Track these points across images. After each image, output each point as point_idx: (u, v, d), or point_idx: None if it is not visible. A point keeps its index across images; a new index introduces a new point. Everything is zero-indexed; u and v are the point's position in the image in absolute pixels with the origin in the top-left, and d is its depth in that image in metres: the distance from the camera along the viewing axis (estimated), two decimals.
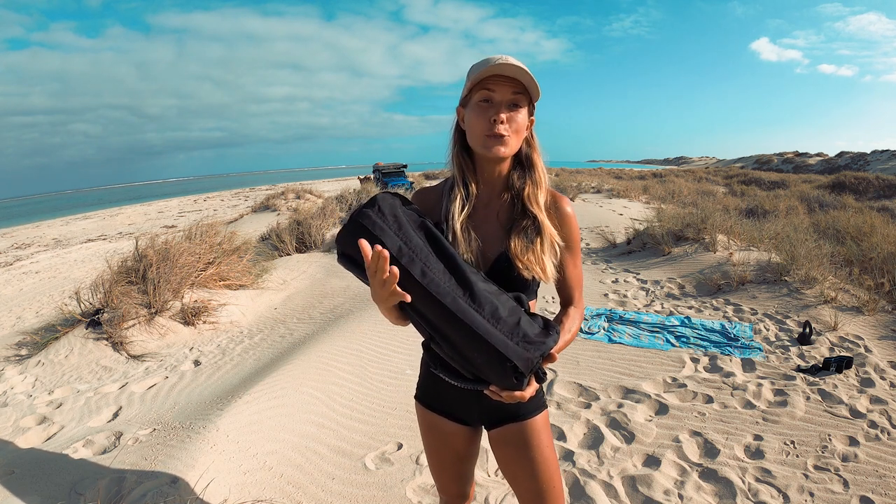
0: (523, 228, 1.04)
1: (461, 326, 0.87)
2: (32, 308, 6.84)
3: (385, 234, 0.88)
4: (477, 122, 0.99)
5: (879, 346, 3.23)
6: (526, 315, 0.93)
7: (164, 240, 4.78)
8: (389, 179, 19.36)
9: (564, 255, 1.08)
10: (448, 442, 1.19)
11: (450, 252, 0.92)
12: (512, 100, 0.98)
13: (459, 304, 0.87)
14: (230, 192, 38.15)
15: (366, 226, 0.89)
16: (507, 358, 0.86)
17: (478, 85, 0.98)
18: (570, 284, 1.11)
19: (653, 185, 18.37)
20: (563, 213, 1.08)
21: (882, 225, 6.80)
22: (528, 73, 0.96)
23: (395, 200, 0.96)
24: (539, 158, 1.08)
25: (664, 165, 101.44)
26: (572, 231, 1.09)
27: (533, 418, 1.10)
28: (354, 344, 3.53)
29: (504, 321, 0.88)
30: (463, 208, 1.06)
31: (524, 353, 0.87)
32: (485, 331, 0.86)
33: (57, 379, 3.29)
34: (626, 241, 6.81)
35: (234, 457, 2.14)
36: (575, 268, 1.11)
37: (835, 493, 1.91)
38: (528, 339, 0.88)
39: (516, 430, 1.09)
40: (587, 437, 2.39)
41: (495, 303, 0.89)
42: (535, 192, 1.05)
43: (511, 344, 0.87)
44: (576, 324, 1.09)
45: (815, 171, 45.42)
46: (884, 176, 18.11)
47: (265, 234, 8.32)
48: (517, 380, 0.88)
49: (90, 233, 17.66)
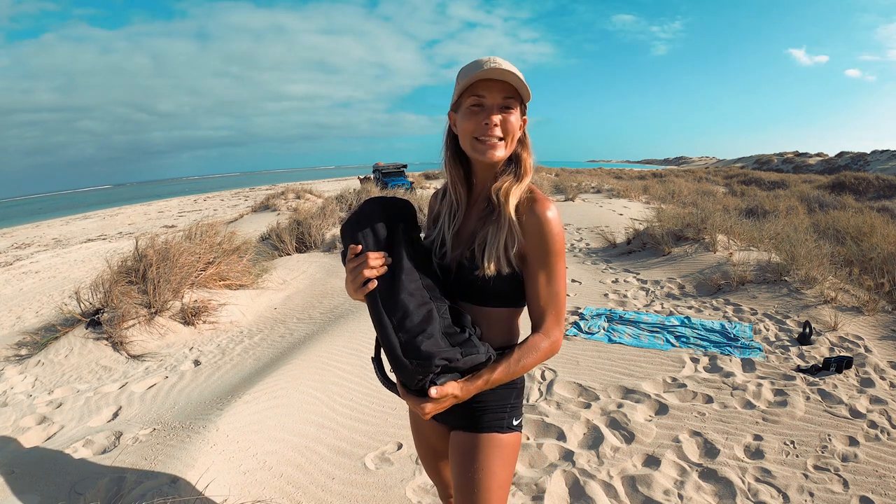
0: (483, 220, 1.01)
1: (376, 327, 0.93)
2: (32, 308, 6.84)
3: (355, 235, 0.99)
4: (469, 127, 0.98)
5: (879, 346, 3.24)
6: (450, 328, 0.93)
7: (164, 240, 4.79)
8: (389, 179, 19.34)
9: (536, 266, 0.98)
10: (425, 437, 1.21)
11: (398, 256, 0.97)
12: (503, 103, 0.97)
13: (378, 306, 0.93)
14: (230, 192, 38.16)
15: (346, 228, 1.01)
16: (393, 366, 0.90)
17: (468, 90, 0.97)
18: (540, 303, 0.98)
19: (653, 185, 18.37)
20: (538, 214, 0.97)
21: (882, 225, 6.79)
22: (517, 76, 0.94)
23: (377, 205, 1.03)
24: (528, 157, 1.04)
25: (664, 165, 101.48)
26: (549, 238, 0.97)
27: (488, 434, 1.03)
28: (354, 344, 3.53)
29: (406, 330, 0.89)
30: (454, 216, 1.06)
31: (406, 364, 0.87)
32: (385, 335, 0.90)
33: (57, 379, 3.29)
34: (626, 241, 6.81)
35: (234, 457, 2.14)
36: (548, 284, 0.98)
37: (835, 493, 1.91)
38: (417, 353, 0.87)
39: (467, 440, 1.05)
40: (587, 437, 2.39)
41: (409, 310, 0.91)
42: (510, 185, 0.99)
43: (398, 352, 0.88)
44: (532, 356, 0.96)
45: (815, 171, 45.44)
46: (884, 176, 18.11)
47: (265, 234, 8.31)
48: (411, 390, 0.91)
49: (90, 232, 17.66)
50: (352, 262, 0.94)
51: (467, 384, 0.92)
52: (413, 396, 0.90)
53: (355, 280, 0.94)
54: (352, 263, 0.94)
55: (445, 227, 1.06)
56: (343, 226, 1.05)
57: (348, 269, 0.95)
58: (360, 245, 0.96)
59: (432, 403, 0.89)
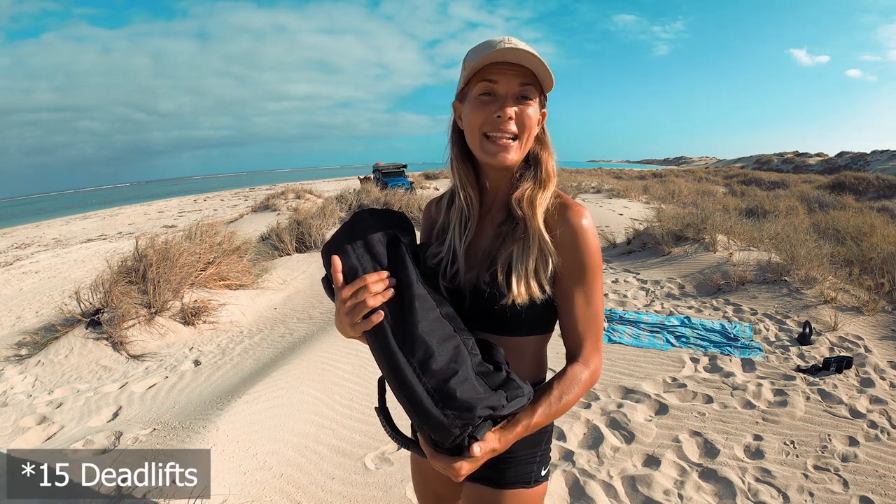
0: (503, 236, 0.84)
1: (387, 372, 0.74)
2: (32, 308, 6.84)
3: (346, 257, 0.78)
4: (477, 119, 0.80)
5: (879, 346, 3.24)
6: (482, 367, 0.75)
7: (164, 240, 4.79)
8: (389, 179, 19.33)
9: (571, 285, 0.82)
10: (427, 480, 1.05)
11: (408, 280, 0.77)
12: (520, 91, 0.79)
13: (390, 344, 0.73)
14: (230, 192, 38.16)
15: (332, 246, 0.81)
16: (420, 421, 0.70)
17: (477, 74, 0.79)
18: (579, 328, 0.82)
19: (653, 185, 18.37)
20: (573, 225, 0.81)
21: (882, 225, 6.80)
22: (538, 59, 0.77)
23: (370, 218, 0.84)
24: (550, 157, 0.87)
25: (664, 165, 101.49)
26: (585, 251, 0.81)
27: (512, 491, 0.88)
28: (354, 344, 3.53)
29: (433, 373, 0.71)
30: (465, 226, 0.87)
31: (441, 419, 0.68)
32: (403, 381, 0.71)
33: (57, 379, 3.30)
34: (626, 241, 6.81)
35: (234, 457, 2.14)
36: (587, 305, 0.82)
37: (835, 493, 1.91)
38: (453, 401, 0.68)
39: (487, 495, 0.89)
40: (587, 437, 2.39)
41: (432, 348, 0.72)
42: (533, 192, 0.83)
43: (427, 403, 0.69)
44: (574, 391, 0.79)
45: (815, 171, 45.46)
46: (884, 176, 18.13)
47: (265, 234, 8.32)
48: (441, 448, 0.72)
49: (90, 233, 17.65)
50: (347, 289, 0.72)
51: (505, 433, 0.74)
52: (443, 456, 0.71)
53: (354, 312, 0.72)
54: (347, 290, 0.72)
55: (456, 241, 0.87)
56: (327, 245, 0.82)
57: (343, 298, 0.72)
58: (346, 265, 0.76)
59: (469, 463, 0.70)
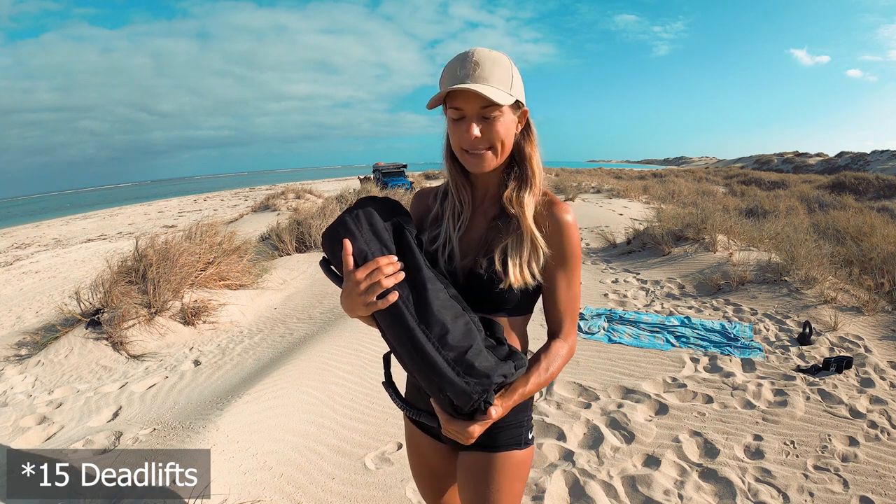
0: (498, 229, 0.94)
1: (406, 347, 0.81)
2: (32, 308, 6.84)
3: (355, 241, 0.84)
4: (454, 138, 0.91)
5: (879, 346, 3.24)
6: (487, 341, 0.85)
7: (164, 240, 4.79)
8: (389, 179, 19.34)
9: (555, 272, 0.94)
10: (425, 458, 1.14)
11: (417, 264, 0.85)
12: (482, 113, 0.87)
13: (408, 322, 0.80)
14: (230, 192, 38.17)
15: (339, 231, 0.87)
16: (442, 389, 0.79)
17: (446, 99, 0.89)
18: (560, 309, 0.95)
19: (653, 185, 18.38)
20: (558, 220, 0.94)
21: (882, 225, 6.80)
22: (488, 93, 0.83)
23: (374, 206, 0.91)
24: (534, 152, 0.95)
25: (664, 165, 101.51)
26: (568, 243, 0.94)
27: (504, 453, 0.98)
28: (354, 344, 3.53)
29: (451, 347, 0.80)
30: (459, 219, 0.98)
31: (463, 386, 0.78)
32: (424, 355, 0.79)
33: (57, 379, 3.30)
34: (626, 241, 6.81)
35: (234, 457, 2.14)
36: (568, 289, 0.95)
37: (835, 493, 1.91)
38: (472, 370, 0.79)
39: (481, 459, 0.98)
40: (587, 437, 2.39)
41: (447, 325, 0.81)
42: (521, 192, 0.93)
43: (450, 373, 0.78)
44: (557, 363, 0.93)
45: (815, 171, 45.48)
46: (884, 176, 18.14)
47: (265, 234, 8.32)
48: (457, 413, 0.83)
49: (90, 233, 17.65)
50: (362, 271, 0.79)
51: (505, 400, 0.85)
52: (459, 421, 0.83)
53: (369, 292, 0.79)
54: (362, 272, 0.79)
55: (451, 230, 0.97)
56: (330, 229, 0.88)
57: (357, 280, 0.79)
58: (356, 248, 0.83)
59: (480, 425, 0.82)
